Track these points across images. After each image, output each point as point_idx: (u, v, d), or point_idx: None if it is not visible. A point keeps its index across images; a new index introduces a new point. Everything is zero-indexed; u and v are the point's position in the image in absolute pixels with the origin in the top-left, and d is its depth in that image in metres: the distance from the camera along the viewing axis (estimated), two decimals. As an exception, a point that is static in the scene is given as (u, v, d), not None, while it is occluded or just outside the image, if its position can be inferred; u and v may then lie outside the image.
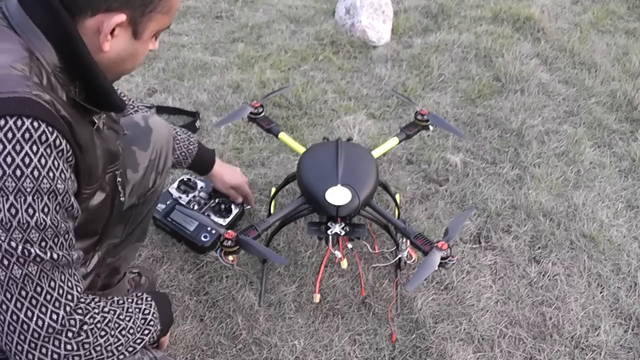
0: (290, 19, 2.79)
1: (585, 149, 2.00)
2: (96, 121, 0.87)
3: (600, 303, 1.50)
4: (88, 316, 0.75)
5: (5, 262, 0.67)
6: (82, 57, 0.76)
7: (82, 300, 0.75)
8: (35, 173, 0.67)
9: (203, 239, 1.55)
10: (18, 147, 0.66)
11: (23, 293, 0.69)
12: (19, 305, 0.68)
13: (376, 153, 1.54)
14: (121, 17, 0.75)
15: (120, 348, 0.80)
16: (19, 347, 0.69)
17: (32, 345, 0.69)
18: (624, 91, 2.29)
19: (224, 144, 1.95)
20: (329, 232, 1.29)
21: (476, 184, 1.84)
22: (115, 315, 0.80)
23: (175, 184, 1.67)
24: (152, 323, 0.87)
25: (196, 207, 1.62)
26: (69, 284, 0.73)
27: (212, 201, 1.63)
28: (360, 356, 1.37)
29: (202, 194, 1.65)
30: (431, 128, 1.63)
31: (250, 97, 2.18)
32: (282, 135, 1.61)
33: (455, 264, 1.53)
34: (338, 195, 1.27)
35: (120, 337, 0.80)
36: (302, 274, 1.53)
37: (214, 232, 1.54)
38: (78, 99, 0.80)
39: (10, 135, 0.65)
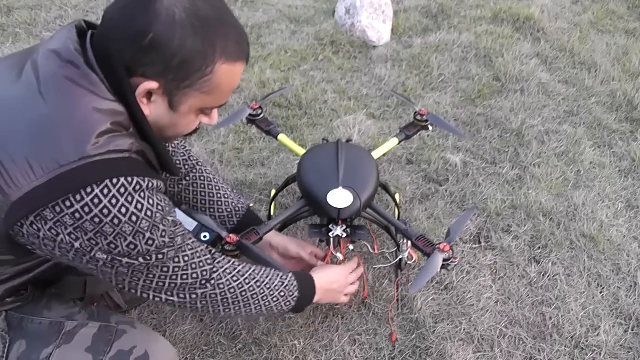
0: (290, 19, 2.79)
1: (585, 149, 2.01)
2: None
3: (600, 303, 1.50)
4: (216, 274, 0.95)
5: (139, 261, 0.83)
6: (138, 119, 0.83)
7: (209, 262, 0.95)
8: (149, 213, 0.80)
9: (203, 238, 1.54)
10: (130, 198, 0.77)
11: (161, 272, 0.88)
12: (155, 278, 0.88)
13: (376, 154, 1.54)
14: (151, 85, 0.80)
15: (244, 309, 1.00)
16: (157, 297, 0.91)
17: (169, 293, 0.91)
18: (624, 91, 2.29)
19: (224, 144, 1.95)
20: (330, 234, 1.29)
21: (476, 184, 1.84)
22: (253, 281, 1.01)
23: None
24: (286, 302, 1.07)
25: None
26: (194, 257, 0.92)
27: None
28: (360, 356, 1.37)
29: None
30: (431, 128, 1.63)
31: (250, 97, 2.19)
32: (282, 137, 1.60)
33: (456, 265, 1.53)
34: (340, 198, 1.27)
35: (249, 299, 1.00)
36: (302, 274, 1.53)
37: (214, 231, 1.54)
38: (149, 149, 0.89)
39: (122, 190, 0.77)
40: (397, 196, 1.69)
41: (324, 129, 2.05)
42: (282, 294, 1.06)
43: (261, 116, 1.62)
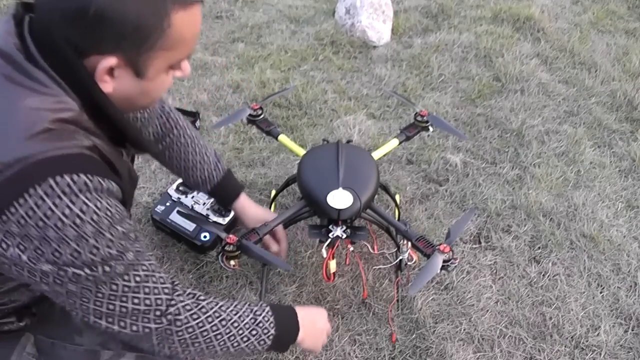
0: (290, 19, 2.79)
1: (585, 149, 2.01)
2: (123, 152, 0.89)
3: (600, 303, 1.50)
4: (174, 307, 0.84)
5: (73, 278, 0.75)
6: (101, 104, 0.77)
7: (167, 291, 0.84)
8: (95, 217, 0.72)
9: (203, 238, 1.55)
10: (74, 198, 0.71)
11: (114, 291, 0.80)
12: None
13: (376, 155, 1.54)
14: (110, 61, 0.73)
15: (208, 351, 0.88)
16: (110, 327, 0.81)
17: (122, 322, 0.81)
18: (624, 91, 2.29)
19: (224, 144, 1.95)
20: (330, 235, 1.28)
21: (476, 184, 1.84)
22: (218, 319, 0.88)
23: (174, 185, 1.67)
24: (260, 341, 0.93)
25: (195, 207, 1.62)
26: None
27: (211, 201, 1.63)
28: (360, 356, 1.37)
29: (201, 194, 1.65)
30: (431, 129, 1.63)
31: (250, 97, 2.19)
32: (282, 138, 1.60)
33: (456, 266, 1.54)
34: (340, 199, 1.27)
35: (212, 340, 0.88)
36: (302, 274, 1.53)
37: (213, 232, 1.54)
38: (109, 145, 0.81)
39: (67, 189, 0.70)
40: (397, 197, 1.69)
41: (324, 129, 2.05)
42: (255, 332, 0.93)
43: (261, 116, 1.62)
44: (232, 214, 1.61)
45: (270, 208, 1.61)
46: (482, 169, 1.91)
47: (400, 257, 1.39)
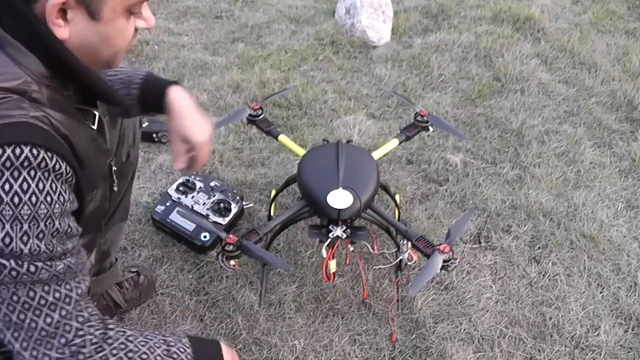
0: (290, 19, 2.79)
1: (585, 149, 2.01)
2: (97, 113, 0.85)
3: (600, 303, 1.50)
4: (80, 339, 0.74)
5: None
6: (61, 55, 0.72)
7: (80, 320, 0.76)
8: (33, 199, 0.67)
9: (203, 238, 1.55)
10: (16, 174, 0.66)
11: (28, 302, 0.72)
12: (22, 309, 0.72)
13: (376, 155, 1.54)
14: None
15: None
16: (24, 344, 0.72)
17: (25, 341, 0.72)
18: (624, 91, 2.29)
19: (224, 144, 1.95)
20: (330, 235, 1.28)
21: (476, 184, 1.84)
22: (123, 352, 0.77)
23: (174, 185, 1.67)
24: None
25: (195, 207, 1.62)
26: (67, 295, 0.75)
27: (211, 201, 1.63)
28: (360, 356, 1.37)
29: (201, 194, 1.65)
30: (431, 129, 1.63)
31: (250, 97, 2.18)
32: (282, 138, 1.60)
33: (456, 266, 1.54)
34: (340, 199, 1.27)
35: None
36: (302, 274, 1.53)
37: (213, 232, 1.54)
38: (75, 104, 0.77)
39: (8, 163, 0.65)
40: (397, 197, 1.69)
41: (324, 129, 2.05)
42: None
43: (261, 116, 1.62)
44: (232, 213, 1.62)
45: (270, 208, 1.61)
46: (482, 169, 1.91)
47: (400, 257, 1.39)
